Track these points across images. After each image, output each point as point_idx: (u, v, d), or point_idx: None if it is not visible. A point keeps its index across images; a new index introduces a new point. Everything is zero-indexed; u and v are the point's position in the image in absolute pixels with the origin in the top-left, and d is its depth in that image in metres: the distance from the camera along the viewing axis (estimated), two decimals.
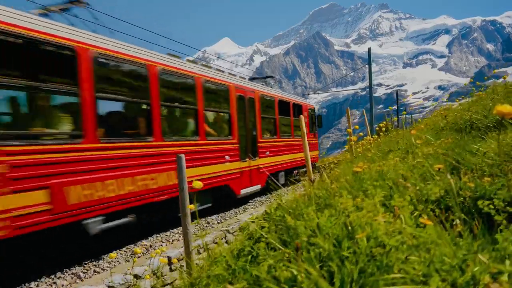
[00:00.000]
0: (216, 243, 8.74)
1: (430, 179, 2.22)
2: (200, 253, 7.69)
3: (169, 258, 5.83)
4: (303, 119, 5.93)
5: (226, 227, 9.37)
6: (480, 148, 2.69)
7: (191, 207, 3.73)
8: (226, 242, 9.10)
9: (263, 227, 1.76)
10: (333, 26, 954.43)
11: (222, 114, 10.49)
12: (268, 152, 12.79)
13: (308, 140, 5.81)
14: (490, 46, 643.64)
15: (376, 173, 2.32)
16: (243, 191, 11.15)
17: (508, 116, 1.37)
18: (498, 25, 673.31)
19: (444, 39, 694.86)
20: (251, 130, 11.86)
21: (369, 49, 30.26)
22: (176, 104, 8.68)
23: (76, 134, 5.73)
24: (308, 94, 37.01)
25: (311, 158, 6.16)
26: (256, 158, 11.88)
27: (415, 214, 1.37)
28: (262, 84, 14.86)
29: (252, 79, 16.17)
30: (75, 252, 6.50)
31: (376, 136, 12.43)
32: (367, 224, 1.19)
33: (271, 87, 16.14)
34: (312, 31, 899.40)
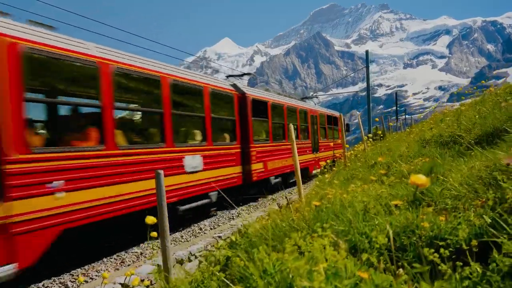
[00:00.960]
0: (207, 250, 8.75)
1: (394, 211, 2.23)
2: (191, 261, 7.72)
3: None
4: (292, 128, 5.85)
5: (219, 233, 9.36)
6: (450, 176, 2.70)
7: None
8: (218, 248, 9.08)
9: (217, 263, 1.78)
10: (334, 27, 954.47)
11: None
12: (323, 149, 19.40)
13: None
14: (490, 47, 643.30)
15: (337, 205, 2.32)
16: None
17: (423, 187, 1.37)
18: (498, 26, 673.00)
19: (445, 39, 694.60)
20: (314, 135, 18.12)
21: (367, 52, 30.29)
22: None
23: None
24: (312, 95, 37.03)
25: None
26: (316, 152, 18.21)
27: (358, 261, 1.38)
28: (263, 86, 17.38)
29: (228, 76, 15.77)
30: (65, 260, 6.53)
31: (369, 143, 12.50)
32: (308, 273, 1.20)
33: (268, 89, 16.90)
34: (312, 31, 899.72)
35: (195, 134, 9.41)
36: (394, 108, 48.34)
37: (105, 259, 7.04)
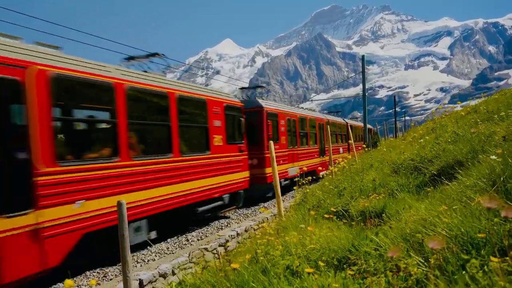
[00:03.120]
0: (193, 262, 8.79)
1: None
2: (175, 274, 7.75)
3: None
4: (272, 144, 5.93)
5: (205, 244, 9.38)
6: (394, 221, 2.77)
7: None
8: (205, 260, 9.13)
9: None
10: (335, 28, 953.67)
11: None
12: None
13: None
14: (492, 48, 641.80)
15: (257, 267, 2.39)
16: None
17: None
18: (500, 27, 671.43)
19: (446, 41, 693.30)
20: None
21: (363, 57, 30.33)
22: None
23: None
24: (311, 100, 36.97)
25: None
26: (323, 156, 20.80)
27: None
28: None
29: (242, 88, 17.27)
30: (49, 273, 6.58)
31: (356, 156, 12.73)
32: None
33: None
34: (313, 32, 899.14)
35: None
36: (396, 110, 48.33)
37: (88, 273, 7.11)
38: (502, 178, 2.30)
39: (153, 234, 8.73)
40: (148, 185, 7.93)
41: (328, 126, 17.65)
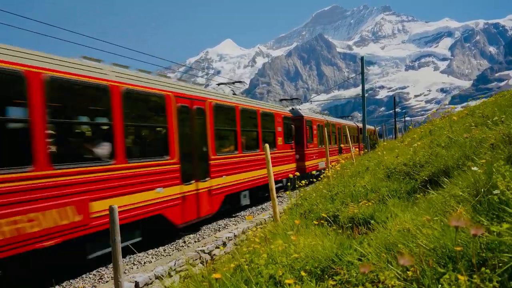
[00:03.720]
0: (190, 264, 8.79)
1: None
2: (172, 276, 7.75)
3: None
4: (267, 147, 5.98)
5: (202, 246, 9.39)
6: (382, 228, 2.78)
7: None
8: (201, 262, 9.13)
9: None
10: (336, 28, 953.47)
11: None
12: (344, 151, 26.86)
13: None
14: (492, 49, 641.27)
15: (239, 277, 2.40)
16: None
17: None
18: (501, 28, 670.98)
19: (447, 41, 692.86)
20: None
21: (362, 58, 30.32)
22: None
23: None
24: (310, 101, 37.13)
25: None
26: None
27: None
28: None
29: (219, 84, 18.54)
30: (44, 276, 6.60)
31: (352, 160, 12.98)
32: None
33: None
34: (314, 33, 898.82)
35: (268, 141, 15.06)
36: (396, 110, 48.47)
37: (84, 275, 7.13)
38: (483, 190, 2.31)
39: (248, 201, 13.21)
40: (251, 168, 13.09)
41: (346, 129, 24.09)
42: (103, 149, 7.18)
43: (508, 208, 2.07)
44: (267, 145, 7.57)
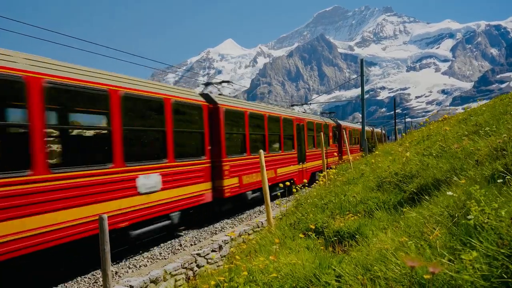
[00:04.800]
0: (185, 267, 8.80)
1: None
2: (167, 280, 7.76)
3: None
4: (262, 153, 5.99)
5: (198, 249, 9.38)
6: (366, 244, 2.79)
7: None
8: (197, 265, 9.14)
9: None
10: (337, 29, 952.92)
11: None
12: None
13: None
14: (494, 51, 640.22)
15: None
16: None
17: None
18: (502, 30, 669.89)
19: (448, 43, 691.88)
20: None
21: (362, 61, 30.31)
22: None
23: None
24: (309, 102, 37.18)
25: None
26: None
27: None
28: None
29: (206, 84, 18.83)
30: (38, 279, 6.63)
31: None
32: None
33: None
34: (315, 33, 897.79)
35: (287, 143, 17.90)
36: (397, 111, 48.65)
37: (79, 278, 7.15)
38: (457, 215, 2.32)
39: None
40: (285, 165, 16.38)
41: (364, 133, 28.18)
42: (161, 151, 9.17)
43: (480, 236, 2.08)
44: (261, 151, 7.60)
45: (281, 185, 7.29)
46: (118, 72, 8.46)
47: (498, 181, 2.63)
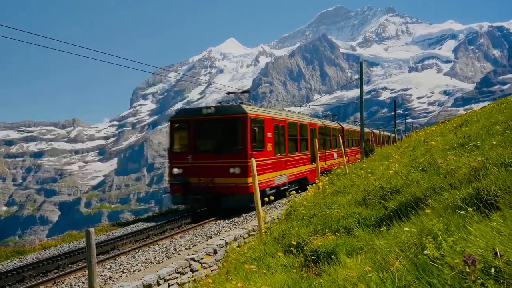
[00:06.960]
0: (179, 272, 8.88)
1: None
2: (160, 285, 7.83)
3: None
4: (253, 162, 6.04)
5: (193, 254, 9.44)
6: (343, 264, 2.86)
7: None
8: (191, 270, 9.20)
9: None
10: (339, 29, 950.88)
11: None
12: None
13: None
14: (496, 52, 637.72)
15: None
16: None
17: None
18: (505, 31, 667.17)
19: (450, 44, 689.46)
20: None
21: (361, 63, 30.43)
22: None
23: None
24: (308, 104, 37.25)
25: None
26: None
27: None
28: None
29: (228, 93, 20.05)
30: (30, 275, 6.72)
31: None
32: None
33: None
34: (318, 33, 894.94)
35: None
36: (398, 111, 48.90)
37: (73, 282, 7.21)
38: (414, 250, 2.38)
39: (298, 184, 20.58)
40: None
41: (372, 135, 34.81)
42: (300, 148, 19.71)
43: (442, 272, 2.14)
44: (253, 160, 7.72)
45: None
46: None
47: (461, 212, 2.69)
